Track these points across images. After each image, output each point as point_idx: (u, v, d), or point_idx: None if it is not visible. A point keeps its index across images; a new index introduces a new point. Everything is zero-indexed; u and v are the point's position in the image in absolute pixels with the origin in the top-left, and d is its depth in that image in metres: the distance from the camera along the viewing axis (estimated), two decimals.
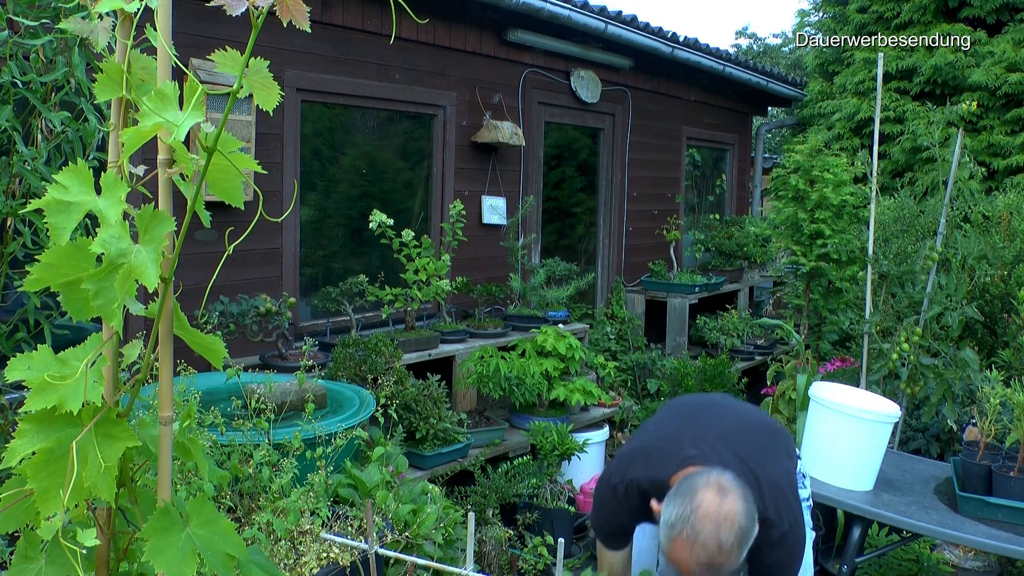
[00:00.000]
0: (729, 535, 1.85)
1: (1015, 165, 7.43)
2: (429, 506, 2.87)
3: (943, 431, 4.54)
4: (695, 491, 1.89)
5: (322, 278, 4.57)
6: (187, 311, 3.54)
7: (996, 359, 4.62)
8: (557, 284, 5.47)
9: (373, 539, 1.79)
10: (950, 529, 2.99)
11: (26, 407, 0.96)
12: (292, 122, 4.22)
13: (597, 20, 5.55)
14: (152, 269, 0.92)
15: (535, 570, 3.72)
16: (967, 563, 3.81)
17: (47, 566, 1.01)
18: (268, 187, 4.08)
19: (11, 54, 2.11)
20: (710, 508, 1.86)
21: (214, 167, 1.00)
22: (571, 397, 4.56)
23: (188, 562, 1.00)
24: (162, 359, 1.04)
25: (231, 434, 2.72)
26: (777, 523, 2.09)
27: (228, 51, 0.98)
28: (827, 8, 9.51)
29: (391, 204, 4.90)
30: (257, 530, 2.43)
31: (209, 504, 1.06)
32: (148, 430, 1.08)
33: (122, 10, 1.00)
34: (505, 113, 5.49)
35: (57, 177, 0.94)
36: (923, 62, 7.91)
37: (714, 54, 7.05)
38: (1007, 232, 5.09)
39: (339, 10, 4.35)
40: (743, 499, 1.90)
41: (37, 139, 2.20)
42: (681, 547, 1.87)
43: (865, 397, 3.50)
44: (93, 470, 0.95)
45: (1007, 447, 3.21)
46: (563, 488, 4.17)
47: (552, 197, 6.26)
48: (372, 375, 3.70)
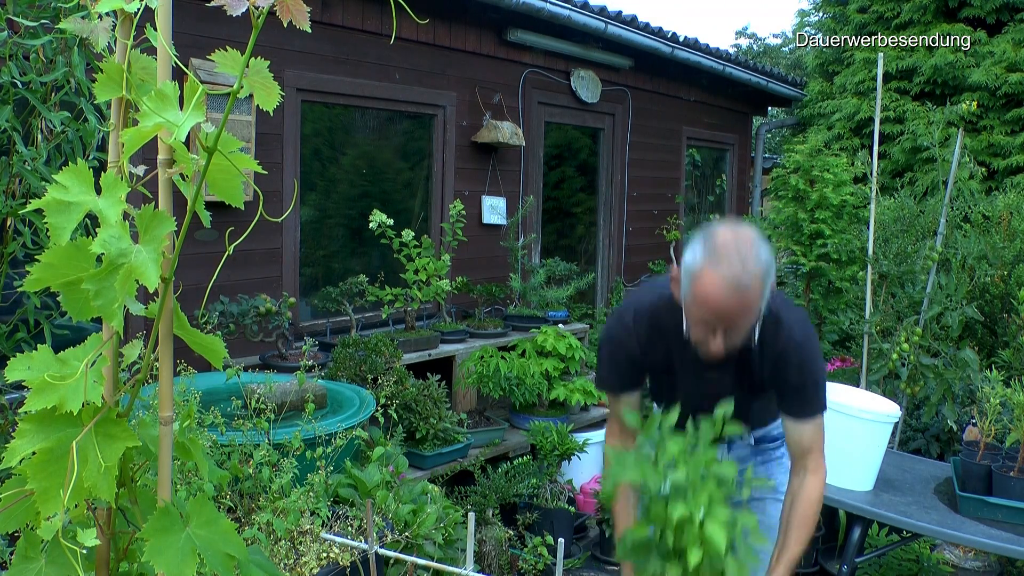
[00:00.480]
0: (750, 252, 1.82)
1: (1015, 165, 7.43)
2: (429, 506, 2.87)
3: (943, 431, 4.54)
4: (710, 232, 1.88)
5: (322, 278, 4.57)
6: (187, 311, 3.54)
7: (996, 359, 4.62)
8: (557, 284, 5.47)
9: (373, 539, 1.79)
10: (950, 529, 2.99)
11: (26, 407, 0.96)
12: (292, 122, 4.22)
13: (597, 20, 5.55)
14: (152, 269, 0.92)
15: (535, 570, 3.72)
16: (967, 563, 3.81)
17: (47, 566, 1.01)
18: (268, 187, 4.09)
19: (11, 54, 2.11)
20: (727, 234, 1.85)
21: (214, 167, 1.00)
22: (571, 397, 4.56)
23: (188, 562, 1.00)
24: (162, 359, 1.04)
25: (231, 434, 2.72)
26: (793, 325, 2.05)
27: (228, 51, 0.98)
28: (827, 8, 9.52)
29: (391, 204, 4.90)
30: (257, 530, 2.43)
31: (209, 504, 1.06)
32: (148, 430, 1.08)
33: (122, 10, 1.00)
34: (505, 113, 5.49)
35: (57, 177, 0.94)
36: (923, 62, 7.91)
37: (714, 54, 7.05)
38: (1007, 232, 5.09)
39: (339, 10, 4.35)
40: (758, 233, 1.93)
41: (37, 139, 2.20)
42: (704, 282, 1.83)
43: (865, 397, 3.50)
44: (93, 470, 0.95)
45: (1007, 447, 3.21)
46: (563, 488, 4.17)
47: (552, 197, 6.26)
48: (372, 375, 3.70)
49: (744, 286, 1.81)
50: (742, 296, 1.81)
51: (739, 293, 1.81)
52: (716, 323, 1.85)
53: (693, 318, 1.90)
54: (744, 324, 1.88)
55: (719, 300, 1.81)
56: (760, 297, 1.86)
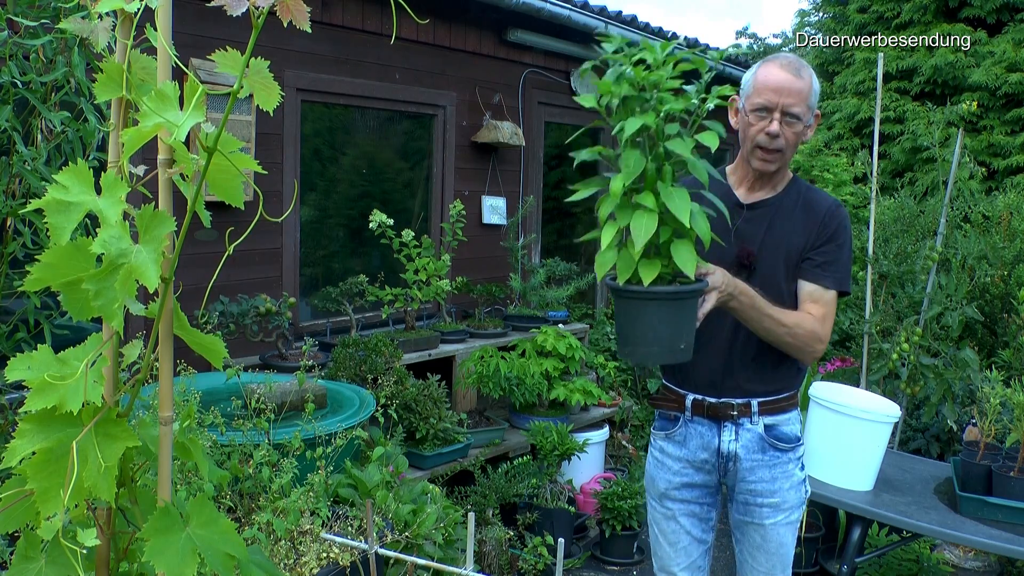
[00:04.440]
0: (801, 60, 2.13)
1: (1015, 165, 7.43)
2: (429, 506, 2.87)
3: (943, 431, 4.54)
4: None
5: (322, 278, 4.57)
6: (187, 311, 3.54)
7: (996, 359, 4.62)
8: (557, 284, 5.47)
9: (373, 539, 1.79)
10: (950, 529, 2.99)
11: (26, 407, 0.96)
12: (292, 122, 4.22)
13: (597, 20, 5.56)
14: (153, 269, 0.92)
15: (535, 570, 3.72)
16: (967, 563, 3.81)
17: (47, 566, 1.01)
18: (268, 187, 4.09)
19: (11, 54, 2.11)
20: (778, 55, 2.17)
21: (214, 167, 1.00)
22: (571, 397, 4.56)
23: (188, 562, 1.00)
24: (162, 359, 1.04)
25: (231, 434, 2.72)
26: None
27: (228, 51, 0.98)
28: (827, 8, 9.52)
29: (391, 204, 4.90)
30: (257, 530, 2.43)
31: (209, 504, 1.06)
32: (148, 430, 1.08)
33: (122, 10, 1.00)
34: (505, 113, 5.49)
35: (57, 177, 0.94)
36: (923, 62, 7.91)
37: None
38: (1007, 232, 5.09)
39: (339, 10, 4.35)
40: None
41: (37, 139, 2.20)
42: (764, 64, 2.12)
43: (865, 397, 3.50)
44: (93, 470, 0.95)
45: (1007, 447, 3.21)
46: (563, 488, 4.17)
47: (552, 197, 6.26)
48: (372, 375, 3.70)
49: (800, 64, 2.09)
50: (798, 72, 2.06)
51: (795, 68, 2.06)
52: (775, 99, 2.05)
53: (752, 103, 2.10)
54: (798, 108, 2.05)
55: (778, 71, 2.06)
56: (811, 90, 2.08)
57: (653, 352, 1.76)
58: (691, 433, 2.24)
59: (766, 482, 2.19)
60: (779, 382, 2.20)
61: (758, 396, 2.18)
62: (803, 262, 2.12)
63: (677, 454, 2.27)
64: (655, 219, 1.65)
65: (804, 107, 2.07)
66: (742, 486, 2.22)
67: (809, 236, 2.13)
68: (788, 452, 2.21)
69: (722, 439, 2.20)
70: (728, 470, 2.22)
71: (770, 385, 2.19)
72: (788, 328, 2.05)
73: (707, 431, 2.22)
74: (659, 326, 1.73)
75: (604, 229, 1.73)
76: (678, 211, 1.64)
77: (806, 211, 2.15)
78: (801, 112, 2.07)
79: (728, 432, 2.19)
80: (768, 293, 2.06)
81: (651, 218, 1.65)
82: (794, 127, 2.08)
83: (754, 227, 2.16)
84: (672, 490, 2.29)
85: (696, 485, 2.27)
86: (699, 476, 2.26)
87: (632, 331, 1.77)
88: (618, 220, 1.70)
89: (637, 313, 1.74)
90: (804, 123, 2.09)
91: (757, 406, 2.18)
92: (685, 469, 2.26)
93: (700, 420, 2.22)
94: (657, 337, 1.73)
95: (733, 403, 2.18)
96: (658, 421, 2.34)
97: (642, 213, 1.66)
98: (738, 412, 2.17)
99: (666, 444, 2.29)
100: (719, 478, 2.26)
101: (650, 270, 1.68)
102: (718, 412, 2.19)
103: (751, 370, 2.17)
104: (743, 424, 2.18)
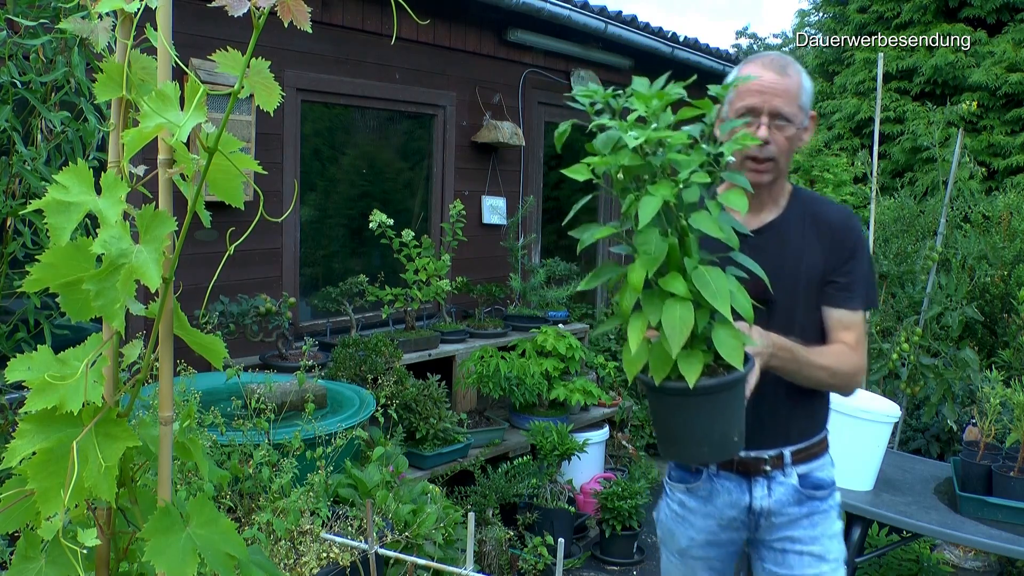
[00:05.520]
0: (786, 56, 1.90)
1: (1015, 165, 7.43)
2: (429, 506, 2.87)
3: (943, 431, 4.54)
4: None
5: (322, 278, 4.57)
6: (187, 311, 3.54)
7: (996, 359, 4.62)
8: (557, 284, 5.47)
9: (373, 539, 1.79)
10: (950, 529, 2.99)
11: (26, 407, 0.96)
12: (292, 122, 4.22)
13: (597, 20, 5.56)
14: (153, 269, 0.92)
15: (535, 570, 3.72)
16: (967, 563, 3.81)
17: (47, 566, 1.01)
18: (268, 187, 4.09)
19: (11, 54, 2.11)
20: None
21: (214, 167, 1.00)
22: (571, 397, 4.56)
23: (188, 562, 1.00)
24: (162, 359, 1.04)
25: (231, 434, 2.72)
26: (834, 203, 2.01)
27: (229, 51, 0.97)
28: (827, 8, 9.52)
29: (391, 204, 4.90)
30: (257, 530, 2.43)
31: (209, 504, 1.06)
32: (148, 430, 1.08)
33: (122, 10, 1.00)
34: (505, 113, 5.49)
35: (57, 177, 0.94)
36: (923, 62, 7.91)
37: (714, 54, 7.05)
38: (1007, 232, 5.09)
39: (339, 10, 4.35)
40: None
41: (37, 139, 2.20)
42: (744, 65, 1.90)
43: (865, 397, 3.50)
44: (93, 470, 0.95)
45: (1007, 447, 3.21)
46: (563, 488, 4.17)
47: (552, 197, 6.26)
48: (372, 375, 3.70)
49: (785, 61, 1.87)
50: (783, 69, 1.84)
51: (780, 66, 1.85)
52: (759, 101, 1.83)
53: (736, 109, 1.86)
54: (787, 109, 1.84)
55: (760, 71, 1.84)
56: (801, 88, 1.87)
57: (703, 452, 1.51)
58: (717, 489, 1.98)
59: (805, 528, 1.95)
60: (812, 426, 1.99)
61: (791, 444, 1.95)
62: (826, 286, 1.90)
63: (701, 510, 2.02)
64: (689, 309, 1.37)
65: (795, 107, 1.85)
66: (778, 534, 1.97)
67: (827, 258, 1.90)
68: (826, 499, 1.98)
69: (754, 496, 1.95)
70: (760, 526, 1.98)
71: (803, 431, 1.98)
72: (830, 370, 1.85)
73: (736, 487, 1.97)
74: (707, 422, 1.47)
75: (631, 325, 1.43)
76: (715, 299, 1.36)
77: (816, 227, 1.93)
78: (791, 113, 1.84)
79: (760, 488, 1.95)
80: (786, 330, 1.85)
81: (685, 309, 1.37)
82: (785, 131, 1.85)
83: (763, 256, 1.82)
84: (694, 547, 2.05)
85: (721, 543, 2.03)
86: (725, 534, 2.01)
87: (675, 430, 1.51)
88: (645, 311, 1.41)
89: (678, 411, 1.48)
90: (797, 125, 1.86)
91: (790, 456, 1.95)
92: (710, 527, 2.02)
93: (727, 475, 1.97)
94: (706, 434, 1.47)
95: (764, 456, 1.93)
96: (676, 471, 2.08)
97: (673, 304, 1.38)
98: (771, 465, 1.94)
99: (687, 498, 2.04)
100: (748, 535, 2.02)
101: (693, 366, 1.40)
102: (748, 467, 1.94)
103: (782, 418, 1.94)
104: (775, 477, 1.94)
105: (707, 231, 1.39)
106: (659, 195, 1.36)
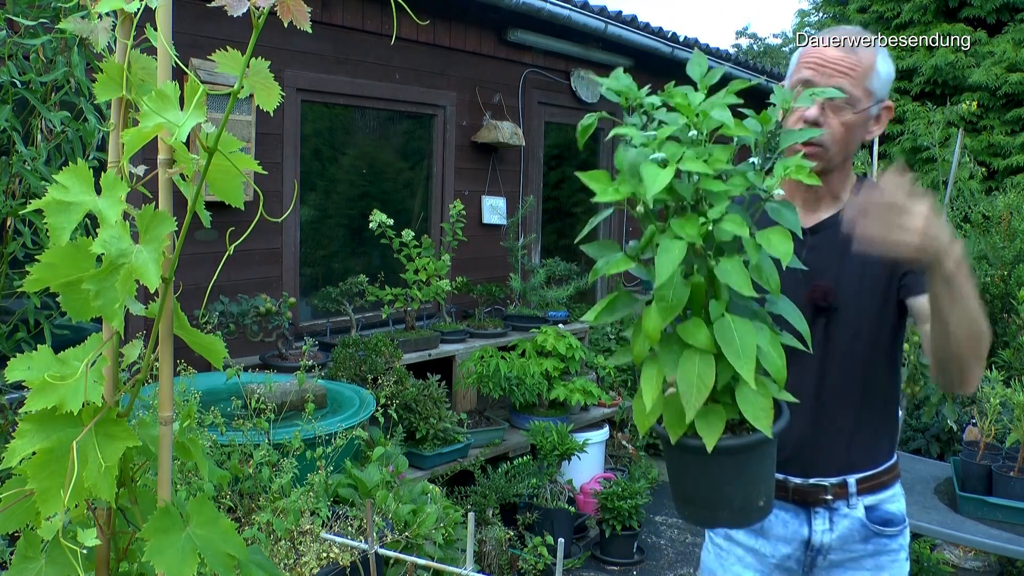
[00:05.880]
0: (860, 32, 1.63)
1: (1015, 165, 7.43)
2: (429, 506, 2.87)
3: (943, 431, 4.54)
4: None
5: (322, 278, 4.57)
6: (187, 311, 3.54)
7: (996, 359, 4.62)
8: (557, 284, 5.47)
9: (373, 539, 1.79)
10: (950, 529, 2.99)
11: (26, 407, 0.96)
12: (292, 122, 4.22)
13: (597, 20, 5.56)
14: (153, 269, 0.92)
15: (535, 570, 3.72)
16: (967, 563, 3.81)
17: (47, 566, 1.01)
18: (268, 187, 4.09)
19: (11, 54, 2.11)
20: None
21: (214, 167, 1.00)
22: (571, 397, 4.56)
23: (188, 562, 1.00)
24: (162, 359, 1.04)
25: (231, 434, 2.72)
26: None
27: (228, 51, 0.97)
28: (827, 8, 9.53)
29: (391, 204, 4.90)
30: (257, 530, 2.43)
31: (209, 504, 1.06)
32: (148, 430, 1.08)
33: (122, 10, 1.00)
34: (505, 113, 5.49)
35: (57, 177, 0.94)
36: (923, 62, 7.91)
37: (714, 54, 7.05)
38: (1007, 232, 5.09)
39: (339, 10, 4.35)
40: None
41: (37, 139, 2.20)
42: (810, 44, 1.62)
43: None
44: (93, 470, 0.94)
45: (1007, 447, 3.21)
46: (563, 488, 4.17)
47: (552, 197, 6.26)
48: (372, 375, 3.70)
49: (859, 38, 1.59)
50: (853, 44, 1.57)
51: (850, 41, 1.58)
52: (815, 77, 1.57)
53: (792, 83, 1.62)
54: (852, 87, 1.56)
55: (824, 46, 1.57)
56: (872, 70, 1.57)
57: (722, 517, 1.31)
58: (771, 522, 1.73)
59: (869, 570, 1.72)
60: (881, 449, 1.73)
61: (856, 471, 1.69)
62: (902, 279, 1.60)
63: (750, 545, 1.77)
64: (710, 364, 1.15)
65: (859, 89, 1.56)
66: (836, 575, 1.75)
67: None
68: (896, 537, 1.72)
69: (814, 530, 1.70)
70: (816, 565, 1.73)
71: (871, 454, 1.71)
72: (983, 320, 1.43)
73: (792, 519, 1.72)
74: (727, 485, 1.26)
75: (644, 376, 1.21)
76: (738, 359, 1.13)
77: None
78: (853, 94, 1.56)
79: (821, 521, 1.70)
80: (851, 342, 1.62)
81: (705, 364, 1.15)
82: (842, 114, 1.56)
83: (823, 256, 1.63)
84: None
85: None
86: (776, 574, 1.77)
87: (691, 491, 1.31)
88: (660, 360, 1.19)
89: (695, 470, 1.28)
90: (858, 110, 1.57)
91: (855, 484, 1.69)
92: (759, 565, 1.77)
93: (783, 505, 1.72)
94: (726, 498, 1.26)
95: (825, 484, 1.68)
96: None
97: (692, 357, 1.16)
98: (833, 494, 1.68)
99: (734, 531, 1.80)
100: (802, 575, 1.77)
101: (713, 425, 1.18)
102: (807, 496, 1.69)
103: (844, 440, 1.68)
104: (838, 509, 1.69)
105: (736, 286, 1.14)
106: (682, 240, 1.14)
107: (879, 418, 1.70)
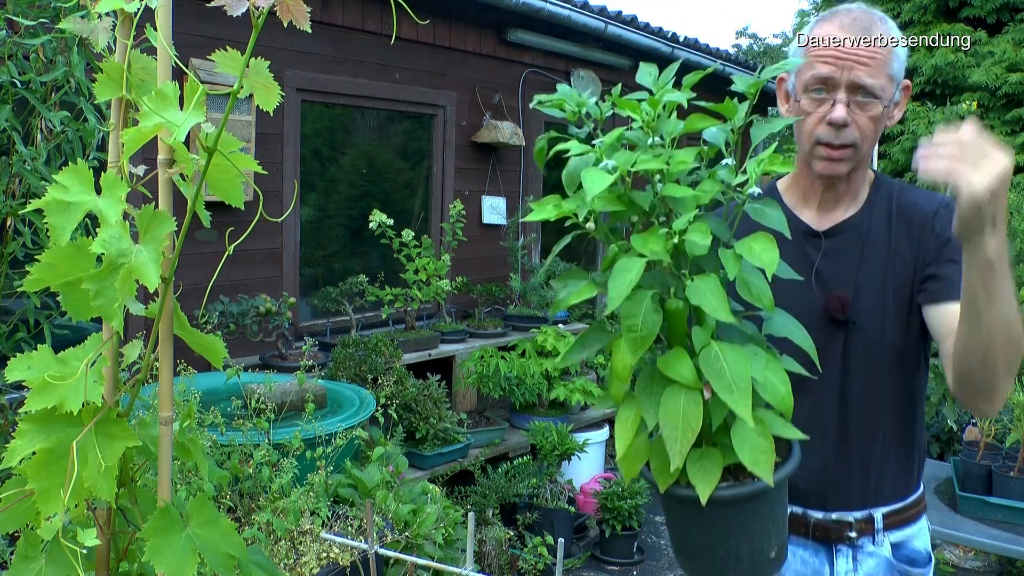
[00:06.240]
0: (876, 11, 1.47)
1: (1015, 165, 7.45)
2: (429, 506, 2.87)
3: (943, 431, 4.54)
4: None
5: (322, 278, 4.58)
6: (187, 311, 3.54)
7: None
8: None
9: (373, 539, 1.79)
10: (950, 529, 2.99)
11: (26, 407, 0.95)
12: (292, 122, 4.22)
13: (597, 20, 5.56)
14: (153, 269, 0.92)
15: (535, 570, 3.72)
16: (967, 563, 3.81)
17: (47, 566, 1.01)
18: (268, 187, 4.09)
19: (11, 54, 2.11)
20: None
21: (214, 167, 1.00)
22: (571, 397, 4.56)
23: (188, 562, 1.00)
24: (162, 359, 1.04)
25: (231, 434, 2.72)
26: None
27: (228, 51, 0.97)
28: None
29: (391, 204, 4.90)
30: (257, 530, 2.43)
31: (209, 504, 1.06)
32: (148, 430, 1.08)
33: (122, 10, 1.00)
34: (505, 113, 5.49)
35: (57, 177, 0.94)
36: (923, 62, 7.91)
37: (714, 54, 7.05)
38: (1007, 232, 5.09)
39: (339, 10, 4.35)
40: None
41: (37, 139, 2.20)
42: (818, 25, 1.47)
43: None
44: (93, 470, 0.94)
45: (1007, 447, 3.21)
46: (563, 488, 4.17)
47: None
48: (372, 375, 3.70)
49: (870, 19, 1.42)
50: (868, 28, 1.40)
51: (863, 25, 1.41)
52: (836, 70, 1.40)
53: (805, 80, 1.44)
54: (872, 80, 1.40)
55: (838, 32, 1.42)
56: (891, 51, 1.41)
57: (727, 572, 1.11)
58: (788, 560, 1.54)
59: None
60: (907, 482, 1.57)
61: (882, 505, 1.54)
62: (924, 284, 1.45)
63: None
64: (697, 402, 0.98)
65: (883, 78, 1.41)
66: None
67: (918, 254, 1.46)
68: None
69: (836, 570, 1.55)
70: None
71: (897, 487, 1.56)
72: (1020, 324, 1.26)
73: (812, 558, 1.56)
74: (731, 538, 1.08)
75: (619, 419, 1.05)
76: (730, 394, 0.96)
77: (906, 222, 1.49)
78: (877, 86, 1.40)
79: (844, 560, 1.54)
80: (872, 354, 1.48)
81: (691, 402, 0.98)
82: (869, 109, 1.41)
83: (839, 263, 1.50)
84: None
85: None
86: None
87: (689, 545, 1.16)
88: (639, 399, 1.03)
89: (693, 522, 1.12)
90: (884, 102, 1.42)
91: (882, 520, 1.53)
92: None
93: (802, 542, 1.57)
94: (730, 552, 1.09)
95: (849, 519, 1.53)
96: None
97: (676, 394, 0.99)
98: (857, 531, 1.53)
99: None
100: None
101: (707, 472, 1.01)
102: (829, 532, 1.54)
103: (872, 470, 1.53)
104: (863, 547, 1.54)
105: (710, 310, 0.97)
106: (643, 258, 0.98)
107: (907, 443, 1.55)
